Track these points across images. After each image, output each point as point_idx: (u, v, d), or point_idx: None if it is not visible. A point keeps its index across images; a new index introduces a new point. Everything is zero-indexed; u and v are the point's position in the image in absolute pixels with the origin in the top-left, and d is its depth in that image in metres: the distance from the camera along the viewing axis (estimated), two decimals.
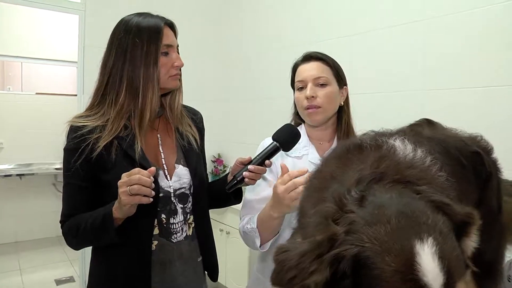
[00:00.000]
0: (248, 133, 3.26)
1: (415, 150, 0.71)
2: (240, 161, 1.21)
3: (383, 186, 0.63)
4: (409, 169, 0.67)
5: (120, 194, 0.99)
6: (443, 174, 0.68)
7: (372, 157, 0.71)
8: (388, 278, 0.54)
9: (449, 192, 0.67)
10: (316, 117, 1.27)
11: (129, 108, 1.16)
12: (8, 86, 4.89)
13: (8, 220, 4.45)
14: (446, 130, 1.04)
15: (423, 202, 0.60)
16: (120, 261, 1.14)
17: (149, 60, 1.14)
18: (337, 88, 1.29)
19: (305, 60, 1.31)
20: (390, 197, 0.60)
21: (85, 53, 2.96)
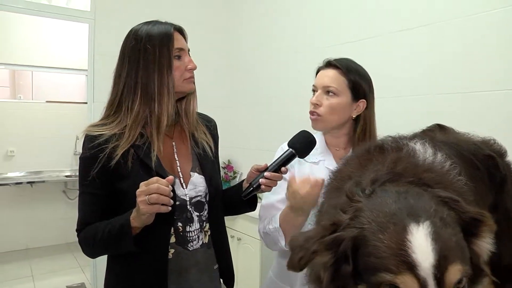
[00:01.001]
0: (258, 139, 3.27)
1: (435, 154, 0.72)
2: (256, 168, 1.21)
3: (397, 186, 0.65)
4: (426, 172, 0.68)
5: (139, 203, 1.00)
6: (462, 179, 0.68)
7: (390, 158, 0.72)
8: (379, 254, 0.56)
9: (467, 197, 0.67)
10: (315, 125, 1.30)
11: (144, 114, 1.16)
12: (19, 95, 4.96)
13: (19, 227, 4.49)
14: (458, 134, 1.04)
15: (430, 196, 0.61)
16: (136, 270, 1.15)
17: (162, 64, 1.15)
18: (348, 100, 1.27)
19: (325, 65, 1.32)
20: (398, 190, 0.62)
21: (95, 61, 2.99)
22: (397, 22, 2.12)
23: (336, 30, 2.49)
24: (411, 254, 0.54)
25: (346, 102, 1.27)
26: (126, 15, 2.91)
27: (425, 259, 0.54)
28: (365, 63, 1.34)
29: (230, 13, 3.58)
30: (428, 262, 0.54)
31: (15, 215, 4.49)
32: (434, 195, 0.61)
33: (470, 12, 1.79)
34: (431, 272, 0.53)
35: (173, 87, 1.17)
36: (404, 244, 0.55)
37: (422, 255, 0.54)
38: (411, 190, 0.63)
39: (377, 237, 0.57)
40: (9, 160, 4.52)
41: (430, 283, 0.53)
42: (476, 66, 1.78)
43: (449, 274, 0.54)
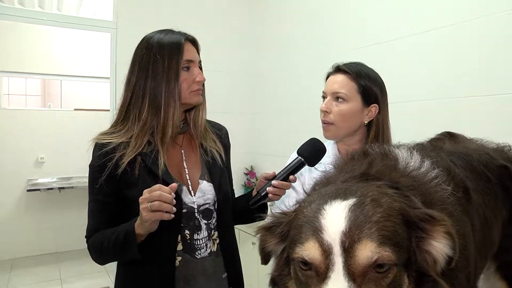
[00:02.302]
0: (281, 145, 3.23)
1: (422, 161, 0.69)
2: (264, 176, 1.18)
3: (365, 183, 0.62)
4: (403, 177, 0.65)
5: (142, 210, 1.00)
6: (448, 189, 0.65)
7: (367, 161, 0.70)
8: (298, 227, 0.54)
9: (447, 206, 0.63)
10: (327, 133, 1.26)
11: (152, 123, 1.17)
12: (49, 103, 5.17)
13: (49, 232, 4.66)
14: (469, 142, 0.98)
15: (378, 188, 0.57)
16: (144, 277, 1.15)
17: (171, 75, 1.15)
18: (359, 106, 1.22)
19: (334, 71, 1.28)
20: (351, 184, 0.60)
21: (117, 69, 3.06)
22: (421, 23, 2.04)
23: (359, 35, 2.43)
24: (321, 220, 0.50)
25: (357, 108, 1.22)
26: (146, 25, 2.96)
27: (334, 224, 0.48)
28: (387, 66, 1.29)
29: (253, 20, 3.58)
30: (337, 228, 0.48)
31: (45, 220, 4.66)
32: (385, 189, 0.58)
33: (499, 9, 1.70)
34: (338, 239, 0.48)
35: (180, 98, 1.17)
36: (319, 213, 0.51)
37: (333, 221, 0.49)
38: (367, 185, 0.60)
39: (302, 213, 0.55)
40: (40, 166, 4.70)
41: (336, 250, 0.48)
42: (495, 68, 1.69)
43: (361, 247, 0.47)
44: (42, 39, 4.68)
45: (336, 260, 0.48)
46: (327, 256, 0.48)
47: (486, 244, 0.82)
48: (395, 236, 0.50)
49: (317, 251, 0.49)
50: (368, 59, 2.26)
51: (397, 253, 0.49)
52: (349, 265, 0.47)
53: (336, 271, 0.47)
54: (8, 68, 4.57)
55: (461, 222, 0.63)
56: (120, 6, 3.09)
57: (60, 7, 4.09)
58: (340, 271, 0.47)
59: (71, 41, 4.81)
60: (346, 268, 0.47)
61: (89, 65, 4.92)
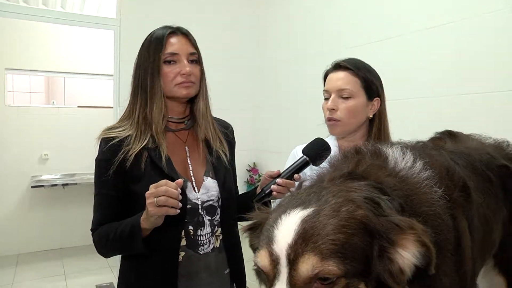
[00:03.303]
0: (284, 142, 3.24)
1: (414, 162, 0.68)
2: (269, 174, 1.19)
3: (347, 183, 0.62)
4: (388, 177, 0.65)
5: (148, 205, 1.01)
6: (438, 191, 0.64)
7: (355, 160, 0.70)
8: (262, 233, 0.57)
9: (435, 208, 0.62)
10: (335, 130, 1.26)
11: (146, 118, 1.19)
12: (53, 100, 5.19)
13: (53, 228, 4.69)
14: (469, 140, 0.99)
15: (349, 194, 0.56)
16: (147, 271, 1.16)
17: (154, 69, 1.18)
18: (364, 101, 1.24)
19: (334, 68, 1.29)
20: (325, 187, 0.60)
21: (120, 66, 3.08)
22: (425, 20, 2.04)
23: (362, 31, 2.43)
24: (275, 230, 0.52)
25: (363, 103, 1.24)
26: (150, 22, 2.97)
27: (283, 236, 0.50)
28: (391, 62, 1.29)
29: (256, 16, 3.58)
30: (285, 240, 0.50)
31: (49, 216, 4.69)
32: (361, 196, 0.57)
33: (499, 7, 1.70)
34: (285, 251, 0.50)
35: (161, 91, 1.19)
36: (276, 223, 0.53)
37: (283, 233, 0.51)
38: (338, 186, 0.59)
39: (269, 218, 0.57)
40: (44, 163, 4.73)
41: (282, 262, 0.50)
42: (497, 66, 1.69)
43: (303, 261, 0.49)
44: (46, 37, 4.69)
45: (282, 270, 0.50)
46: (275, 266, 0.51)
47: (486, 243, 0.82)
48: (346, 248, 0.50)
49: (267, 261, 0.52)
50: (371, 56, 2.27)
51: (346, 265, 0.49)
52: (292, 277, 0.50)
53: (281, 281, 0.50)
54: (13, 65, 4.59)
55: (445, 226, 0.62)
56: (124, 3, 3.10)
57: (64, 4, 4.11)
58: (284, 281, 0.50)
59: (75, 38, 4.83)
60: (289, 279, 0.50)
61: (93, 62, 4.93)
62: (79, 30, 4.56)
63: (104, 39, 4.59)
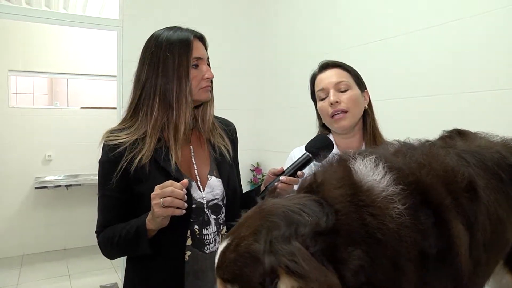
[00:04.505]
0: (287, 141, 3.23)
1: (383, 177, 0.66)
2: (273, 172, 1.19)
3: (303, 197, 0.66)
4: (336, 190, 0.65)
5: (153, 206, 1.01)
6: (399, 208, 0.62)
7: (313, 173, 0.73)
8: None
9: (386, 223, 0.61)
10: (343, 123, 1.25)
11: (162, 121, 1.18)
12: (56, 102, 5.21)
13: (57, 228, 4.71)
14: (478, 139, 0.98)
15: (258, 224, 0.61)
16: (153, 271, 1.16)
17: (181, 73, 1.16)
18: (359, 92, 1.27)
19: (322, 69, 1.31)
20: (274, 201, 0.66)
21: (124, 67, 3.08)
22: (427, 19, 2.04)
23: (363, 31, 2.42)
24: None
25: (359, 93, 1.27)
26: (153, 23, 2.98)
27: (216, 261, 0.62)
28: (380, 65, 1.30)
29: (260, 18, 3.57)
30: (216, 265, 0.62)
31: (53, 216, 4.71)
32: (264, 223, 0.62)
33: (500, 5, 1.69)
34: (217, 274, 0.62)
35: (191, 96, 1.18)
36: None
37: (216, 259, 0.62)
38: (260, 211, 0.64)
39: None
40: (47, 164, 4.75)
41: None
42: (494, 65, 1.68)
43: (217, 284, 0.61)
44: (49, 38, 4.71)
45: None
46: None
47: (498, 243, 0.82)
48: (241, 277, 0.58)
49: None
50: (372, 55, 2.27)
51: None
52: None
53: None
54: (16, 67, 4.61)
55: (403, 241, 0.61)
56: (126, 4, 3.10)
57: (67, 6, 4.13)
58: None
59: (78, 40, 4.84)
60: None
61: (96, 64, 4.94)
62: (81, 31, 4.57)
63: (106, 40, 4.61)
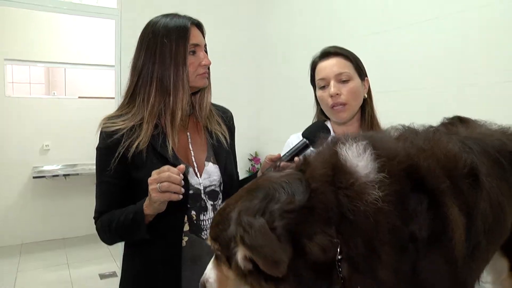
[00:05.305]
0: (285, 131, 3.22)
1: (368, 163, 0.68)
2: (270, 158, 1.20)
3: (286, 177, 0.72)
4: (318, 170, 0.70)
5: (150, 191, 1.02)
6: (377, 194, 0.64)
7: (312, 154, 0.79)
8: None
9: (364, 207, 0.64)
10: (342, 115, 1.26)
11: (159, 107, 1.18)
12: (53, 91, 5.19)
13: (56, 218, 4.72)
14: (479, 127, 0.99)
15: (246, 196, 0.73)
16: (151, 257, 1.18)
17: (178, 60, 1.16)
18: (360, 82, 1.27)
19: (323, 56, 1.29)
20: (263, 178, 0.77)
21: (122, 56, 3.07)
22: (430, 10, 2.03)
23: (362, 23, 2.42)
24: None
25: (360, 84, 1.27)
26: (151, 11, 2.95)
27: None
28: (384, 55, 1.29)
29: (260, 5, 3.55)
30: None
31: (51, 206, 4.72)
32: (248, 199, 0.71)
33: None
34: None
35: (188, 82, 1.18)
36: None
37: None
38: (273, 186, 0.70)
39: None
40: (45, 154, 4.75)
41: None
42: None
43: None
44: (46, 27, 4.67)
45: None
46: None
47: (499, 229, 0.83)
48: (220, 237, 0.71)
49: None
50: (374, 46, 2.27)
51: (221, 250, 0.71)
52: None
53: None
54: (12, 56, 4.58)
55: (378, 223, 0.64)
56: None
57: None
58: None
59: (75, 28, 4.81)
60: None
61: (93, 53, 4.91)
62: (79, 20, 4.54)
63: (104, 29, 4.58)
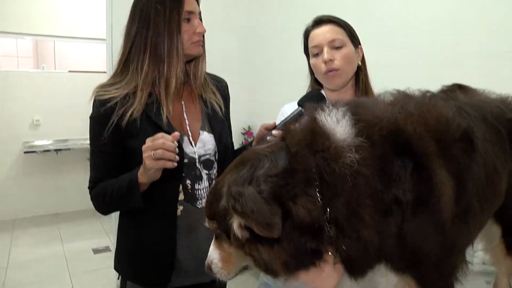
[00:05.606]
0: (278, 105, 3.21)
1: (346, 128, 0.70)
2: (265, 126, 1.20)
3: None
4: (298, 136, 0.75)
5: (145, 158, 1.01)
6: (353, 157, 0.67)
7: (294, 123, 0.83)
8: None
9: (338, 167, 0.67)
10: (336, 80, 1.26)
11: (153, 75, 1.16)
12: (42, 65, 5.07)
13: (48, 193, 4.71)
14: (479, 95, 1.00)
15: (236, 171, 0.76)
16: (146, 226, 1.18)
17: (172, 27, 1.14)
18: (353, 49, 1.27)
19: (316, 24, 1.29)
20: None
21: (113, 30, 2.99)
22: None
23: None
24: None
25: (353, 50, 1.27)
26: None
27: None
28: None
29: None
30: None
31: (44, 181, 4.70)
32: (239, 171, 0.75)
33: None
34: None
35: (183, 50, 1.17)
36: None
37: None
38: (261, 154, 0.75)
39: None
40: (36, 129, 4.68)
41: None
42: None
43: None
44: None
45: None
46: None
47: (493, 193, 0.85)
48: (215, 211, 0.73)
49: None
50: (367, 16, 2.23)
51: (220, 227, 0.74)
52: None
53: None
54: None
55: (358, 186, 0.66)
56: None
57: None
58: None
59: (65, 0, 4.67)
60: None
61: (84, 26, 4.78)
62: None
63: (95, 1, 4.45)
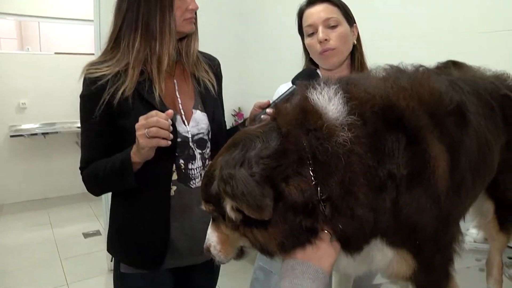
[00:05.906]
0: (269, 86, 3.18)
1: (338, 106, 0.70)
2: (259, 105, 1.19)
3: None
4: (289, 115, 0.74)
5: (138, 137, 0.99)
6: (345, 136, 0.66)
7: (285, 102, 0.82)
8: None
9: (332, 147, 0.66)
10: (332, 60, 1.25)
11: (145, 53, 1.14)
12: (27, 47, 4.93)
13: (36, 178, 4.64)
14: (474, 71, 1.01)
15: (229, 154, 0.73)
16: (139, 206, 1.16)
17: (164, 3, 1.12)
18: (348, 27, 1.25)
19: (310, 3, 1.27)
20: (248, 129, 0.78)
21: (101, 11, 2.90)
22: None
23: None
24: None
25: (348, 29, 1.25)
26: None
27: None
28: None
29: None
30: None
31: (31, 165, 4.62)
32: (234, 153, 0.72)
33: None
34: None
35: (175, 27, 1.14)
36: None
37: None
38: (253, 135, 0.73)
39: None
40: (22, 112, 4.58)
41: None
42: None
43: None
44: None
45: None
46: None
47: (485, 166, 0.86)
48: (208, 193, 0.72)
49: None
50: None
51: (216, 210, 0.72)
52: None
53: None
54: None
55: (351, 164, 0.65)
56: None
57: None
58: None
59: None
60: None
61: (70, 6, 4.65)
62: None
63: None
